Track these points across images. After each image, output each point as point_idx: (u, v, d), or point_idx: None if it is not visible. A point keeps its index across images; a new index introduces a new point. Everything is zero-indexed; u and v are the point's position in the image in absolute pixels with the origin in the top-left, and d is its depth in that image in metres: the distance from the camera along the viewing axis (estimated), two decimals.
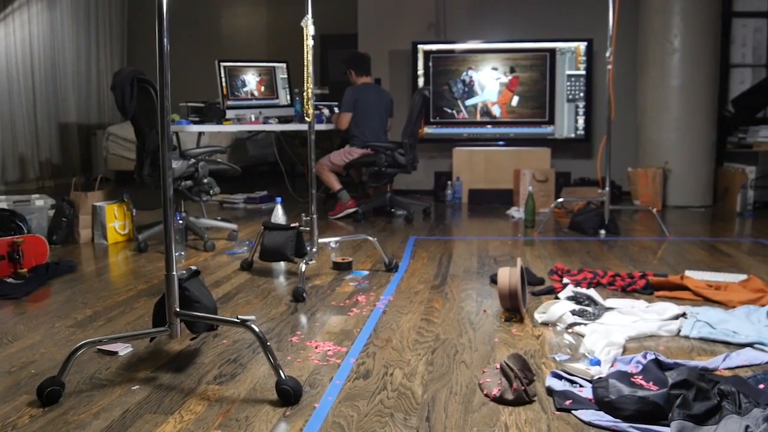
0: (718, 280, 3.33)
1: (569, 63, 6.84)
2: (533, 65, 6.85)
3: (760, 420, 1.67)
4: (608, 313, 2.71)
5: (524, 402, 1.92)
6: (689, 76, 6.22)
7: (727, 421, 1.73)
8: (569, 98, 6.87)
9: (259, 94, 5.80)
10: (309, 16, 3.33)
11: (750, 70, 7.09)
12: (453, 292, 3.17)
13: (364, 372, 2.18)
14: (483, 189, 6.58)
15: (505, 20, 7.08)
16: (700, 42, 6.21)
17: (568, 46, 6.82)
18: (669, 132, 6.31)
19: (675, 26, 6.20)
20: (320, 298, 3.08)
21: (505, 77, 6.86)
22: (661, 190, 6.22)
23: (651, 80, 6.40)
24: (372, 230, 4.94)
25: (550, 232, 4.89)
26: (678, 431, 1.71)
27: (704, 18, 6.21)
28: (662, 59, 6.29)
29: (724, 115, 6.94)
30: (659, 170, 6.22)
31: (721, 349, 2.41)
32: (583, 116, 6.87)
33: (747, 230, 5.05)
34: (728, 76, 7.02)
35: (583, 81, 6.84)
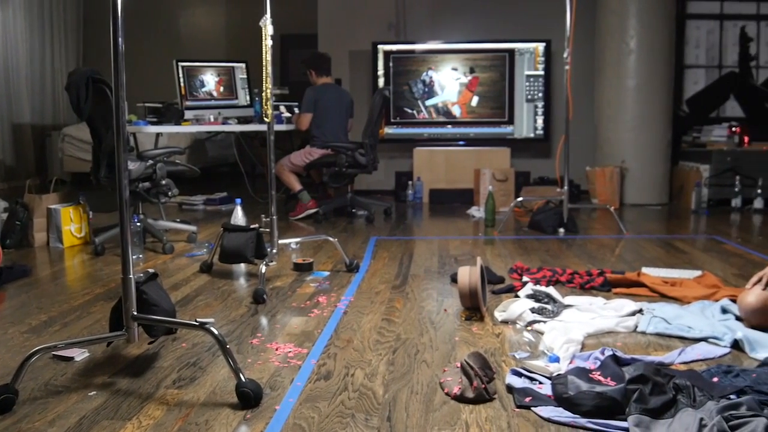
0: (673, 276, 3.39)
1: (528, 63, 6.91)
2: (493, 65, 6.90)
3: (714, 412, 1.70)
4: (567, 310, 2.74)
5: (485, 400, 1.93)
6: (645, 77, 6.33)
7: (682, 415, 1.76)
8: (528, 98, 6.94)
9: (218, 94, 5.75)
10: (268, 15, 3.31)
11: (703, 70, 7.24)
12: (414, 292, 3.18)
13: (325, 373, 2.17)
14: (443, 189, 6.61)
15: (464, 21, 7.13)
16: (656, 43, 6.33)
17: (527, 46, 6.89)
18: (626, 131, 6.42)
19: (631, 27, 6.30)
20: (281, 300, 3.06)
21: (465, 77, 6.90)
22: (618, 189, 6.32)
23: (608, 80, 6.49)
24: (333, 231, 4.93)
25: (510, 231, 4.93)
26: (635, 425, 1.73)
27: (659, 20, 6.32)
28: (619, 60, 6.39)
29: (679, 114, 7.08)
30: (616, 169, 6.32)
31: (677, 344, 2.45)
32: (542, 116, 6.95)
33: (702, 227, 5.15)
34: (682, 77, 7.16)
35: (541, 81, 6.92)
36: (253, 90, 6.00)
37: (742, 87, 7.25)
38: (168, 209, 5.87)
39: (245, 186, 6.51)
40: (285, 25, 8.59)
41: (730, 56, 7.24)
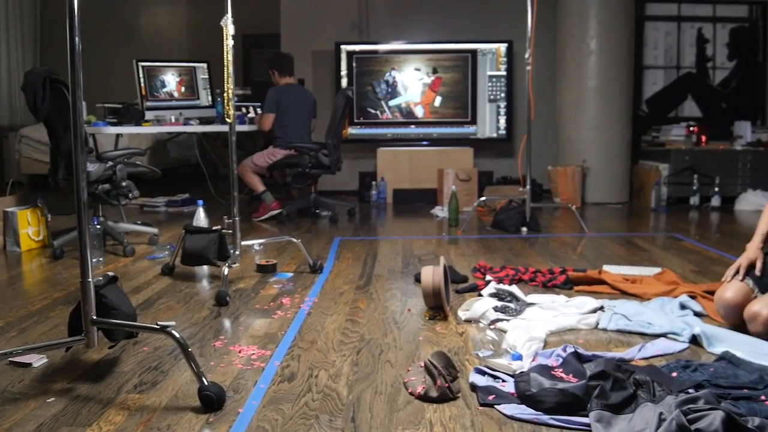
0: (634, 273, 3.44)
1: (490, 64, 6.96)
2: (455, 66, 6.93)
3: (673, 406, 1.73)
4: (530, 308, 2.77)
5: (448, 399, 1.94)
6: (605, 77, 6.42)
7: (642, 409, 1.79)
8: (491, 98, 6.99)
9: (180, 94, 5.69)
10: (229, 15, 3.28)
11: (662, 71, 7.36)
12: (378, 292, 3.18)
13: (288, 375, 2.16)
14: (407, 189, 6.63)
15: (427, 21, 7.15)
16: (615, 44, 6.42)
17: (489, 47, 6.94)
18: (587, 131, 6.50)
19: (591, 29, 6.38)
20: (244, 302, 3.04)
21: (428, 78, 6.93)
22: (579, 188, 6.40)
23: (569, 81, 6.57)
24: (296, 232, 4.91)
25: (474, 230, 4.96)
26: (596, 421, 1.75)
27: (618, 21, 6.42)
28: (579, 61, 6.46)
29: (639, 114, 7.19)
30: (578, 168, 6.39)
31: (637, 340, 2.49)
32: (505, 116, 7.00)
33: (661, 225, 5.24)
34: (642, 78, 7.27)
35: (504, 81, 6.97)
36: (215, 90, 5.94)
37: (699, 87, 7.40)
38: (129, 211, 5.78)
39: (208, 187, 6.45)
40: (247, 25, 8.52)
41: (687, 57, 7.37)
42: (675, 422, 1.60)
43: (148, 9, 9.62)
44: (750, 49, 7.44)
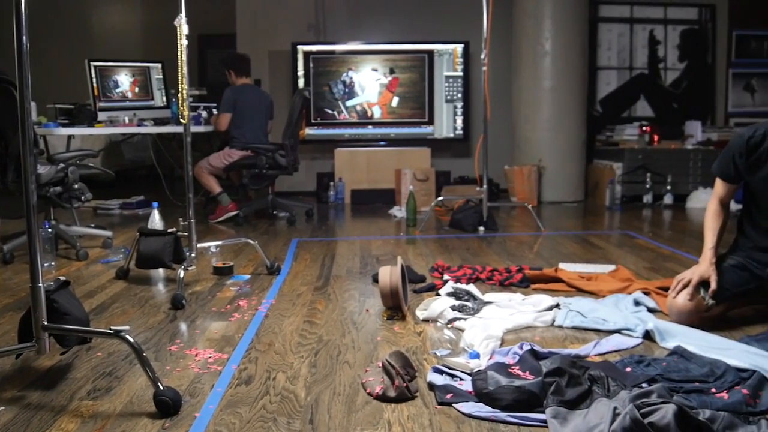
0: (589, 271, 3.49)
1: (447, 64, 6.99)
2: (412, 66, 6.95)
3: (627, 401, 1.76)
4: (487, 307, 2.79)
5: (407, 398, 1.94)
6: (560, 78, 6.50)
7: (597, 404, 1.81)
8: (448, 99, 7.03)
9: (133, 95, 5.60)
10: (182, 14, 3.24)
11: (615, 72, 7.48)
12: (336, 293, 3.17)
13: (246, 378, 2.14)
14: (365, 189, 6.63)
15: (384, 22, 7.16)
16: (570, 45, 6.50)
17: (446, 47, 6.97)
18: (542, 131, 6.57)
19: (546, 30, 6.46)
20: (200, 305, 3.00)
21: (385, 78, 6.93)
22: (536, 187, 6.47)
23: (524, 81, 6.64)
24: (254, 233, 4.87)
25: (432, 230, 4.98)
26: (552, 417, 1.77)
27: (573, 23, 6.51)
28: (535, 61, 6.54)
29: (593, 114, 7.30)
30: (534, 168, 6.46)
31: (592, 336, 2.53)
32: (462, 116, 7.05)
33: (616, 223, 5.32)
34: (596, 78, 7.38)
35: (460, 82, 7.01)
36: (170, 91, 5.86)
37: (651, 88, 7.54)
38: (82, 214, 5.67)
39: (163, 189, 6.36)
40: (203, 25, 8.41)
41: (639, 58, 7.50)
42: (628, 416, 1.63)
43: (100, 7, 9.44)
44: (700, 51, 7.60)
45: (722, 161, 2.65)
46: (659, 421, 1.62)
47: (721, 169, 2.67)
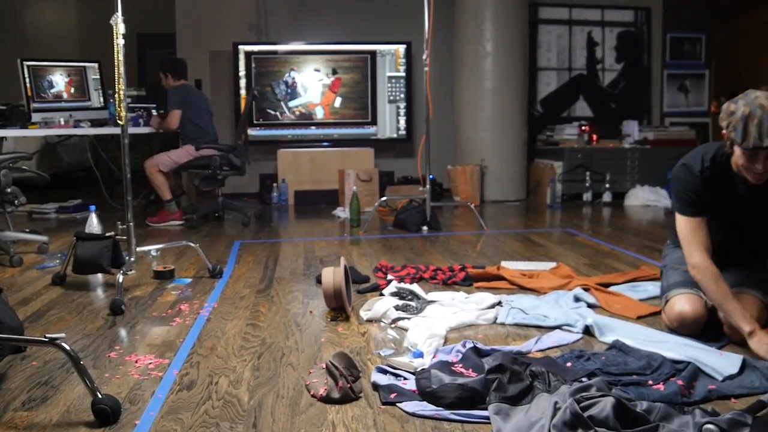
0: (530, 268, 3.54)
1: (389, 65, 7.01)
2: (355, 67, 6.95)
3: (567, 395, 1.79)
4: (430, 306, 2.80)
5: (351, 399, 1.94)
6: (501, 78, 6.58)
7: (538, 400, 1.84)
8: (390, 99, 7.05)
9: (69, 95, 5.46)
10: (119, 13, 3.17)
11: (555, 72, 7.62)
12: (279, 295, 3.15)
13: (187, 383, 2.10)
14: (309, 190, 6.60)
15: (326, 22, 7.14)
16: (510, 47, 6.59)
17: (388, 48, 6.99)
18: (484, 131, 6.64)
19: (487, 31, 6.53)
20: (140, 310, 2.94)
21: (328, 79, 6.92)
22: (478, 186, 6.54)
23: (466, 82, 6.70)
24: (196, 236, 4.80)
25: (375, 230, 4.99)
26: (495, 413, 1.79)
27: (513, 24, 6.60)
28: (476, 62, 6.60)
29: (534, 114, 7.42)
30: (476, 167, 6.53)
31: (534, 332, 2.56)
32: (404, 116, 7.08)
33: (556, 221, 5.42)
34: (536, 79, 7.50)
35: (403, 82, 7.04)
36: (107, 91, 5.74)
37: (589, 88, 7.70)
38: (16, 218, 5.49)
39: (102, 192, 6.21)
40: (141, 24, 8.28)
41: (578, 59, 7.66)
42: (569, 410, 1.66)
43: (34, 5, 9.18)
44: (636, 52, 7.80)
45: (684, 201, 2.43)
46: (598, 414, 1.66)
47: (691, 208, 2.41)
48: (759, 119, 2.12)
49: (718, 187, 2.39)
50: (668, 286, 2.59)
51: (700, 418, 1.69)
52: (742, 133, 2.15)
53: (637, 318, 2.73)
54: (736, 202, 2.42)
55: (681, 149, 6.84)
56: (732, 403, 1.92)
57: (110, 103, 5.72)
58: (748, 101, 2.18)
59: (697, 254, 2.37)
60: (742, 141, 2.16)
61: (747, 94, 2.21)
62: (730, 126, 2.20)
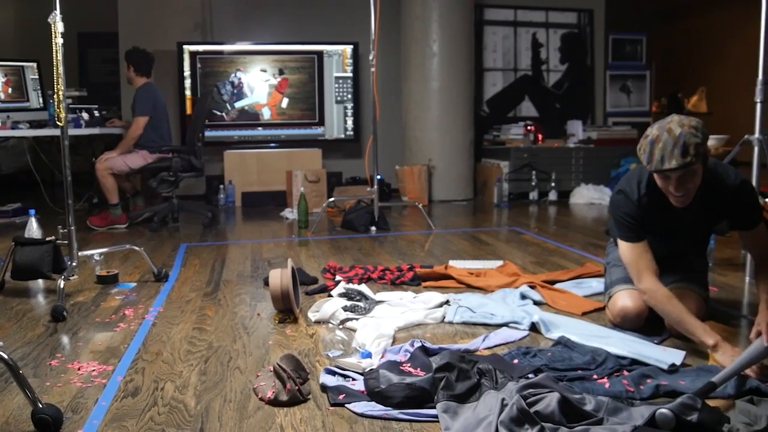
0: (478, 267, 3.58)
1: (337, 65, 7.00)
2: (302, 67, 6.92)
3: (514, 392, 1.81)
4: (379, 306, 2.81)
5: (299, 401, 1.93)
6: (448, 79, 6.63)
7: (485, 397, 1.86)
8: (338, 100, 7.03)
9: (6, 96, 5.31)
10: (57, 11, 3.09)
11: (501, 73, 7.70)
12: (226, 298, 3.11)
13: (132, 390, 2.06)
14: (256, 191, 6.54)
15: (273, 22, 7.09)
16: (457, 47, 6.64)
17: (335, 48, 6.98)
18: (432, 131, 6.68)
19: (434, 32, 6.57)
20: (83, 316, 2.87)
21: (274, 79, 6.87)
22: (426, 186, 6.57)
23: (413, 83, 6.73)
24: (140, 239, 4.71)
25: (324, 231, 4.97)
26: (443, 411, 1.80)
27: (459, 25, 6.65)
28: (423, 63, 6.64)
29: (480, 114, 7.49)
30: (424, 167, 6.56)
31: (481, 330, 2.58)
32: (352, 117, 7.07)
33: (504, 220, 5.48)
34: (482, 79, 7.58)
35: (350, 83, 7.04)
36: (47, 92, 5.59)
37: (535, 89, 7.81)
38: None
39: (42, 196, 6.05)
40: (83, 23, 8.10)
41: (524, 60, 7.76)
42: (515, 407, 1.68)
43: None
44: (579, 54, 7.94)
45: (625, 227, 2.42)
46: (544, 410, 1.68)
47: (633, 234, 2.41)
48: (664, 143, 2.14)
49: (656, 209, 2.42)
50: (611, 282, 2.66)
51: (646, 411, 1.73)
52: (648, 156, 2.18)
53: (581, 314, 2.78)
54: (673, 222, 2.46)
55: (624, 148, 7.01)
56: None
57: (50, 103, 5.58)
58: (659, 125, 2.21)
59: (646, 279, 2.35)
60: (647, 164, 2.19)
61: (663, 119, 2.23)
62: (640, 149, 2.23)
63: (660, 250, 2.51)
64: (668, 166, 2.13)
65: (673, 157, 2.13)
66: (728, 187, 2.34)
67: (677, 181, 2.20)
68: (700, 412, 1.65)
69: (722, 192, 2.34)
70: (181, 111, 6.74)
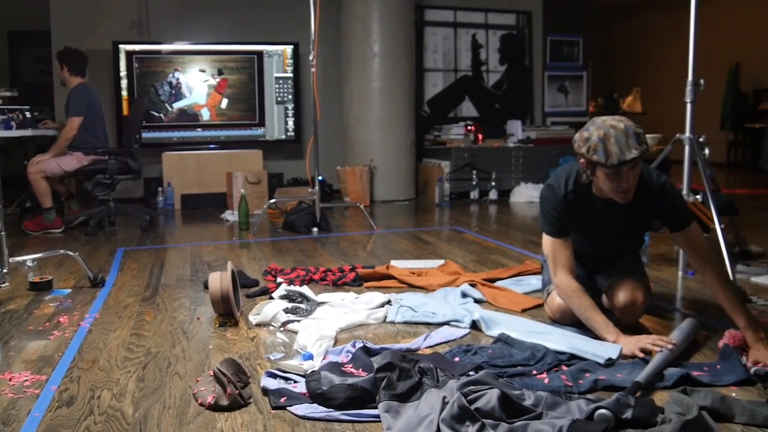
0: (419, 267, 3.60)
1: (277, 66, 6.95)
2: (241, 67, 6.85)
3: (455, 389, 1.82)
4: (320, 307, 2.79)
5: (240, 405, 1.91)
6: (389, 79, 6.65)
7: (427, 396, 1.86)
8: (278, 100, 6.99)
9: None
10: None
11: (441, 74, 7.76)
12: (165, 303, 3.05)
13: (67, 399, 2.01)
14: (196, 193, 6.44)
15: (211, 22, 7.00)
16: (397, 48, 6.67)
17: (275, 48, 6.93)
18: (373, 131, 6.69)
19: (374, 32, 6.58)
20: (15, 324, 2.78)
21: (214, 79, 6.78)
22: (368, 187, 6.58)
23: (354, 83, 6.73)
24: (76, 244, 4.59)
25: (265, 233, 4.93)
26: (385, 411, 1.80)
27: (400, 26, 6.68)
28: (364, 63, 6.64)
29: (421, 115, 7.53)
30: (366, 168, 6.57)
31: (423, 329, 2.60)
32: (293, 118, 7.03)
33: (445, 219, 5.52)
34: (423, 80, 7.62)
35: (291, 83, 7.00)
36: None
37: (475, 89, 7.90)
38: None
39: None
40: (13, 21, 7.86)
41: (464, 61, 7.84)
42: (456, 404, 1.69)
43: None
44: (518, 55, 8.06)
45: (549, 221, 2.47)
46: (485, 406, 1.70)
47: (555, 229, 2.47)
48: (615, 137, 2.18)
49: (581, 209, 2.45)
50: (549, 279, 2.70)
51: (585, 406, 1.77)
52: (604, 153, 2.19)
53: (521, 311, 2.82)
54: (598, 223, 2.50)
55: (562, 147, 7.15)
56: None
57: None
58: (597, 125, 2.24)
59: (560, 274, 2.45)
60: (606, 159, 2.19)
61: (593, 121, 2.28)
62: (590, 150, 2.22)
63: (593, 250, 2.58)
64: (630, 156, 2.16)
65: (631, 146, 2.17)
66: (654, 187, 2.39)
67: (630, 173, 2.23)
68: (634, 408, 1.71)
69: (648, 191, 2.39)
70: (118, 112, 6.60)
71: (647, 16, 11.40)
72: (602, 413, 1.68)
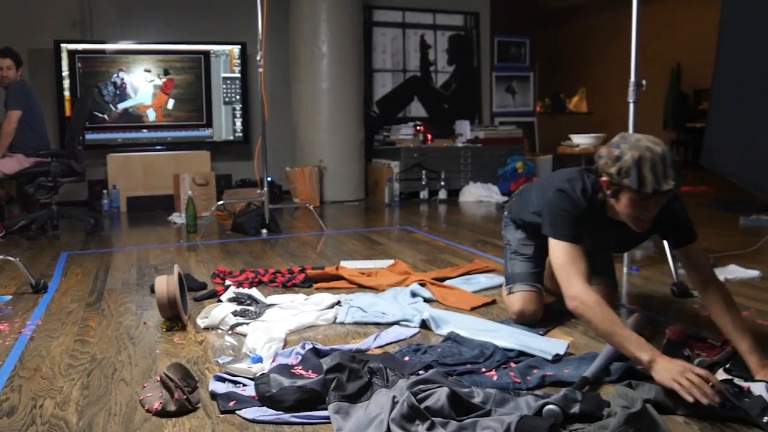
0: (369, 267, 3.60)
1: (224, 66, 6.88)
2: (188, 67, 6.76)
3: (404, 389, 1.83)
4: (270, 310, 2.77)
5: (188, 411, 1.88)
6: (337, 80, 6.64)
7: (377, 396, 1.87)
8: (226, 101, 6.92)
9: None
10: None
11: (390, 74, 7.79)
12: (110, 308, 2.99)
13: (8, 409, 1.95)
14: (142, 196, 6.34)
15: (157, 21, 6.89)
16: (346, 48, 6.67)
17: (223, 48, 6.86)
18: (322, 132, 6.68)
19: (323, 33, 6.57)
20: None
21: (159, 80, 6.68)
22: (318, 187, 6.56)
23: (303, 83, 6.70)
24: (17, 249, 4.47)
25: (214, 235, 4.87)
26: (335, 412, 1.80)
27: (348, 26, 6.67)
28: (312, 63, 6.62)
29: (371, 115, 7.55)
30: (315, 168, 6.55)
31: (373, 330, 2.60)
32: (241, 118, 6.97)
33: (395, 219, 5.54)
34: (372, 80, 7.63)
35: (238, 84, 6.93)
36: None
37: (423, 89, 7.95)
38: None
39: None
40: None
41: (412, 61, 7.87)
42: (406, 403, 1.70)
43: None
44: (466, 55, 8.13)
45: (565, 225, 2.20)
46: (434, 405, 1.71)
47: (573, 233, 2.19)
48: (651, 163, 1.96)
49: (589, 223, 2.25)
50: (513, 275, 2.69)
51: (533, 402, 1.79)
52: (637, 179, 1.97)
53: (470, 309, 2.84)
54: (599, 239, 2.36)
55: (510, 147, 7.24)
56: None
57: None
58: (631, 144, 2.01)
59: (577, 284, 2.07)
60: (639, 187, 1.97)
61: (626, 138, 2.05)
62: (621, 172, 2.00)
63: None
64: (666, 188, 1.96)
65: (668, 177, 1.96)
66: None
67: (656, 203, 2.06)
68: (581, 402, 1.75)
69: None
70: (60, 113, 6.45)
71: (592, 18, 11.62)
72: (550, 409, 1.71)
